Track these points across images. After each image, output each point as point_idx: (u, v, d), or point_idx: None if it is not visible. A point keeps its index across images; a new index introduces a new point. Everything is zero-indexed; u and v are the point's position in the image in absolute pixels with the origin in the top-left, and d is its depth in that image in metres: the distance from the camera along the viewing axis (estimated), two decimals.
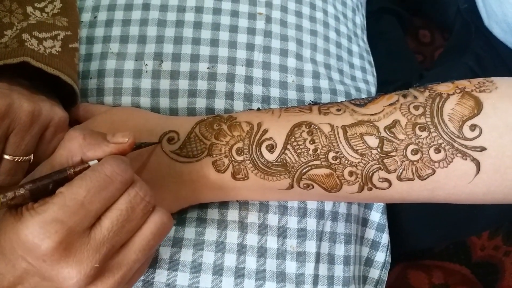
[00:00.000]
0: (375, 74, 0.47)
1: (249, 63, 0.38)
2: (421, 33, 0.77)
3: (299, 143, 0.29)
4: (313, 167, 0.28)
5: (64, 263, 0.22)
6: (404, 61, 0.63)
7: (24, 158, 0.28)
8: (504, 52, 0.53)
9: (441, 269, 0.67)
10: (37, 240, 0.21)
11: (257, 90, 0.38)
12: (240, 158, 0.30)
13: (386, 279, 0.41)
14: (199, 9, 0.39)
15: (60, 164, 0.25)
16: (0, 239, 0.23)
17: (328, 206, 0.36)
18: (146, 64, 0.37)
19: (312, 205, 0.35)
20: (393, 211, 0.43)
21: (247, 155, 0.29)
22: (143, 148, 0.30)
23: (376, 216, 0.40)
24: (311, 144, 0.28)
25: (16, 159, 0.28)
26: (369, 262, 0.40)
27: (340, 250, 0.36)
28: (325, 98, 0.39)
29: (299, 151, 0.29)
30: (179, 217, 0.34)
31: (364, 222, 0.40)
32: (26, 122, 0.27)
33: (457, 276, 0.68)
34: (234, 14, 0.40)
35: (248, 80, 0.38)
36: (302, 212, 0.35)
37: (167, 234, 0.26)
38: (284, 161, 0.29)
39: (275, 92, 0.38)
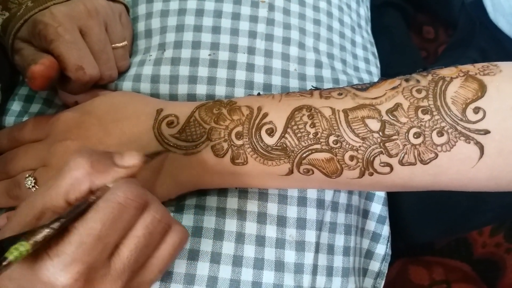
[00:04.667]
0: (378, 65, 0.46)
1: (251, 50, 0.38)
2: (425, 29, 0.76)
3: (300, 126, 0.28)
4: (313, 151, 0.28)
5: None
6: (407, 56, 0.62)
7: None
8: (509, 45, 0.52)
9: (442, 265, 0.67)
10: (58, 282, 0.21)
11: (259, 77, 0.37)
12: (239, 142, 0.29)
13: (386, 272, 0.40)
14: None
15: (65, 192, 0.23)
16: (14, 272, 0.22)
17: (328, 196, 0.35)
18: (151, 55, 0.37)
19: (312, 194, 0.35)
20: (394, 203, 0.43)
21: (247, 139, 0.29)
22: (154, 159, 0.29)
23: (377, 207, 0.40)
24: (311, 127, 0.28)
25: None
26: (369, 255, 0.40)
27: (340, 240, 0.35)
28: (327, 87, 0.39)
29: (299, 135, 0.28)
30: (178, 204, 0.34)
31: (364, 214, 0.40)
32: None
33: (458, 273, 0.67)
34: (237, 1, 0.40)
35: (250, 67, 0.37)
36: (302, 201, 0.34)
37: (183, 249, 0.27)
38: (284, 145, 0.29)
39: (276, 80, 0.38)
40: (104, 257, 0.23)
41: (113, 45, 0.35)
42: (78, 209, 0.23)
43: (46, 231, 0.21)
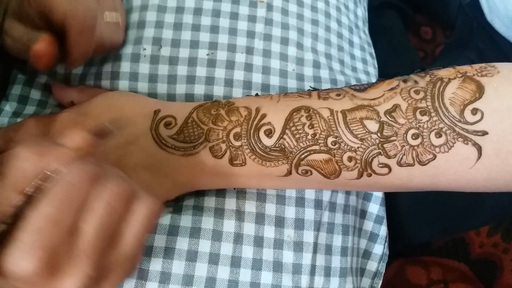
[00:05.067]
0: (376, 66, 0.47)
1: (249, 50, 0.38)
2: (422, 30, 0.77)
3: (298, 127, 0.28)
4: (311, 152, 0.28)
5: (58, 281, 0.21)
6: (405, 56, 0.63)
7: None
8: (506, 46, 0.53)
9: (440, 265, 0.67)
10: (20, 271, 0.20)
11: (257, 78, 0.37)
12: (237, 143, 0.29)
13: (384, 272, 0.40)
14: None
15: (14, 185, 0.22)
16: None
17: (326, 196, 0.35)
18: (145, 49, 0.37)
19: (310, 195, 0.35)
20: (392, 203, 0.43)
21: (245, 140, 0.29)
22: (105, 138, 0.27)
23: (375, 208, 0.40)
24: (310, 128, 0.28)
25: None
26: (367, 254, 0.40)
27: (337, 241, 0.36)
28: (325, 87, 0.39)
29: (297, 136, 0.28)
30: (176, 205, 0.34)
31: (362, 214, 0.40)
32: None
33: (456, 273, 0.68)
34: (235, 1, 0.40)
35: (248, 67, 0.37)
36: (300, 202, 0.34)
37: (158, 218, 0.26)
38: (283, 146, 0.29)
39: (274, 81, 0.38)
40: (65, 239, 0.21)
41: (106, 19, 0.34)
42: (31, 199, 0.22)
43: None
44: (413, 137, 0.26)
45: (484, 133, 0.25)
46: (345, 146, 0.27)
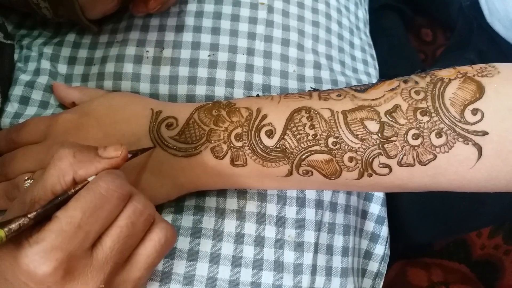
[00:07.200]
0: (377, 67, 0.47)
1: (250, 51, 0.38)
2: (423, 32, 0.77)
3: (299, 128, 0.28)
4: (312, 152, 0.28)
5: (70, 287, 0.22)
6: (406, 58, 0.63)
7: None
8: (506, 48, 0.53)
9: (441, 267, 0.67)
10: (38, 270, 0.21)
11: (258, 78, 0.38)
12: (238, 144, 0.29)
13: (385, 272, 0.40)
14: (201, 0, 0.40)
15: (51, 184, 0.24)
16: (1, 264, 0.22)
17: (327, 197, 0.36)
18: (147, 51, 0.37)
19: (310, 195, 0.35)
20: (393, 204, 0.43)
21: (246, 141, 0.29)
22: (140, 155, 0.29)
23: (376, 208, 0.40)
24: (310, 129, 0.28)
25: None
26: (368, 255, 0.40)
27: (338, 241, 0.36)
28: (326, 88, 0.39)
29: (298, 136, 0.28)
30: (177, 205, 0.34)
31: (363, 214, 0.40)
32: None
33: (457, 274, 0.68)
34: (236, 3, 0.40)
35: (249, 68, 0.38)
36: (301, 202, 0.35)
37: (171, 248, 0.27)
38: (283, 147, 0.29)
39: (275, 81, 0.38)
40: (86, 247, 0.22)
41: None
42: (56, 200, 0.23)
43: (21, 220, 0.21)
44: (414, 137, 0.26)
45: (484, 133, 0.25)
46: (346, 147, 0.28)
